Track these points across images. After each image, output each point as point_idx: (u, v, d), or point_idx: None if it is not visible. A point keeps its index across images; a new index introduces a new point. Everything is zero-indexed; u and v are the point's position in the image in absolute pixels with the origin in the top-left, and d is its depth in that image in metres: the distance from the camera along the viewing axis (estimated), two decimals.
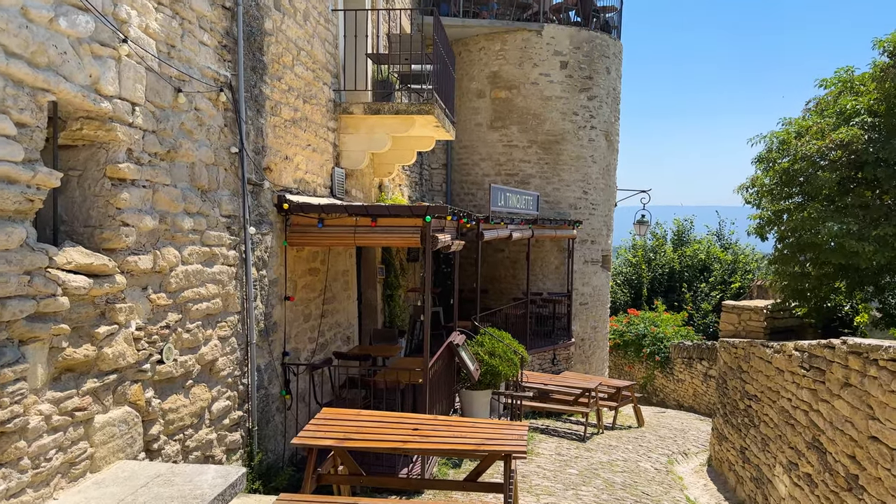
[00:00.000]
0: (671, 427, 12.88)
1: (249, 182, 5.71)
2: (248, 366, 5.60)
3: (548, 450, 8.82)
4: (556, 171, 14.85)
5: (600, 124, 15.20)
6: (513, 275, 15.08)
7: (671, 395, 17.50)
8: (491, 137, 14.87)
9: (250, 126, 5.77)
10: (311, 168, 7.21)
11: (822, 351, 5.22)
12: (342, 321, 8.24)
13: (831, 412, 4.96)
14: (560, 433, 10.35)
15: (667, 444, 10.99)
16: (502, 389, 9.46)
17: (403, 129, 8.02)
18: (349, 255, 8.52)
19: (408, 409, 7.12)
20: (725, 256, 24.78)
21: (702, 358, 16.04)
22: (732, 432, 8.28)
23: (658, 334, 18.18)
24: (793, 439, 5.88)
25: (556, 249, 15.10)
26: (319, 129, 7.49)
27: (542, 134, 14.67)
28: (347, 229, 6.12)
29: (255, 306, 5.76)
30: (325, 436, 4.47)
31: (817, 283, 8.36)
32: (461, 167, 15.34)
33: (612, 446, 9.86)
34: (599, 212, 15.58)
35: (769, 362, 6.81)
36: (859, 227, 6.65)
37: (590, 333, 15.61)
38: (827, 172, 6.96)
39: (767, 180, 8.10)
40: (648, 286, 24.61)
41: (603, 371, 16.39)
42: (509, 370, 8.18)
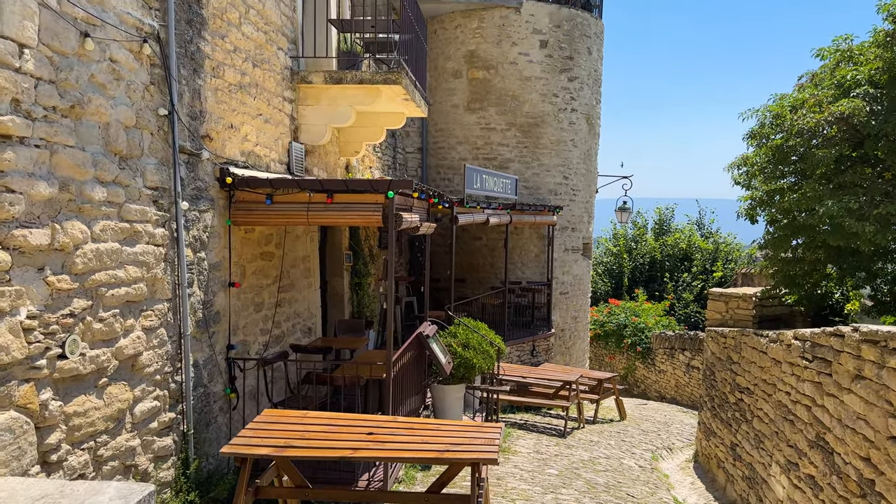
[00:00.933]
0: (654, 420, 12.41)
1: (183, 150, 4.99)
2: (181, 361, 4.90)
3: (526, 447, 8.24)
4: (536, 155, 14.24)
5: (581, 107, 14.61)
6: (491, 263, 14.47)
7: (653, 387, 17.10)
8: (468, 120, 14.21)
9: (185, 87, 5.05)
10: (262, 140, 6.50)
11: (828, 339, 4.67)
12: (302, 311, 7.56)
13: (840, 408, 4.41)
14: (539, 428, 9.79)
15: (650, 438, 10.49)
16: (478, 383, 8.85)
17: (368, 100, 7.32)
18: (310, 238, 7.83)
19: (372, 407, 6.47)
20: (707, 245, 24.48)
21: (684, 348, 15.63)
22: (721, 427, 7.77)
23: (639, 324, 17.76)
24: (792, 437, 5.34)
25: (536, 237, 14.52)
26: (273, 99, 6.77)
27: (522, 116, 14.05)
28: (300, 207, 5.44)
29: (190, 293, 5.06)
30: (262, 442, 3.81)
31: (810, 269, 7.87)
32: (437, 151, 14.66)
33: (593, 442, 9.33)
34: (580, 198, 15.02)
35: (763, 352, 6.28)
36: (860, 207, 6.13)
37: (570, 324, 15.08)
38: (824, 149, 6.43)
39: (759, 158, 7.56)
40: (629, 276, 24.23)
41: (584, 362, 15.90)
42: (484, 363, 7.58)
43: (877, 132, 6.14)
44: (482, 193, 10.66)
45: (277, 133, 6.88)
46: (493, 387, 8.15)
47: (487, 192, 10.83)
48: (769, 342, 6.11)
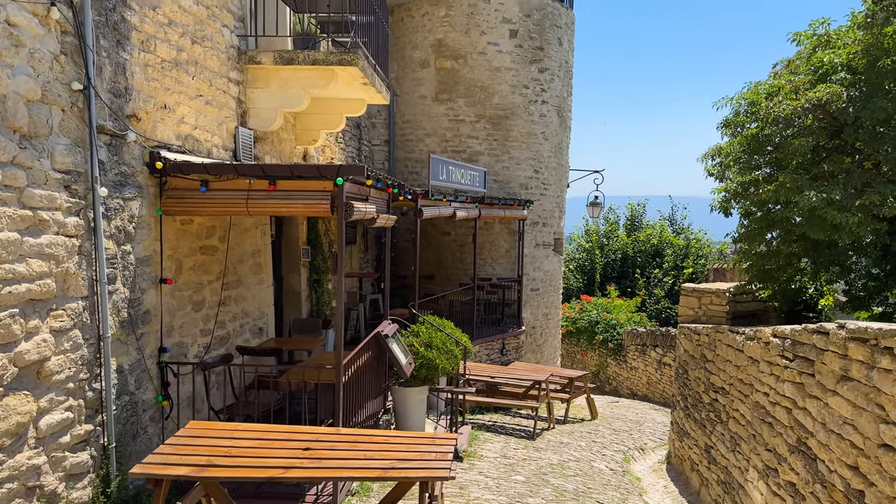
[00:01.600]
0: (626, 419, 12.14)
1: (103, 131, 4.45)
2: (101, 366, 4.37)
3: (493, 451, 7.84)
4: (506, 148, 13.85)
5: (552, 99, 14.26)
6: (460, 259, 14.05)
7: (624, 384, 16.89)
8: (436, 111, 13.75)
9: (105, 60, 4.50)
10: (203, 124, 5.96)
11: (810, 337, 4.33)
12: (251, 310, 7.03)
13: (824, 412, 4.07)
14: (508, 430, 9.40)
15: (622, 438, 10.19)
16: (443, 384, 8.43)
17: (323, 83, 6.82)
18: (262, 232, 7.30)
19: (325, 414, 5.99)
20: (678, 241, 24.41)
21: (656, 345, 15.43)
22: (695, 428, 7.46)
23: (611, 321, 17.53)
24: (771, 440, 5.01)
25: (506, 232, 14.14)
26: (217, 79, 6.23)
27: (491, 108, 13.64)
28: (238, 195, 4.93)
29: (112, 290, 4.52)
30: (181, 460, 3.31)
31: (785, 263, 7.61)
32: (405, 143, 14.18)
33: (563, 444, 8.97)
34: (551, 192, 14.69)
35: (740, 350, 5.96)
36: (841, 198, 5.84)
37: (541, 321, 14.75)
38: (802, 137, 6.12)
39: (734, 148, 7.26)
40: (601, 272, 24.05)
41: (555, 360, 15.59)
42: (448, 363, 7.15)
43: (855, 119, 5.85)
44: (449, 185, 10.21)
45: (221, 117, 6.34)
46: (458, 388, 7.73)
47: (454, 184, 10.39)
48: (746, 340, 5.79)
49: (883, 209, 5.74)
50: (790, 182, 6.15)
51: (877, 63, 6.04)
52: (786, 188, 6.15)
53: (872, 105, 5.70)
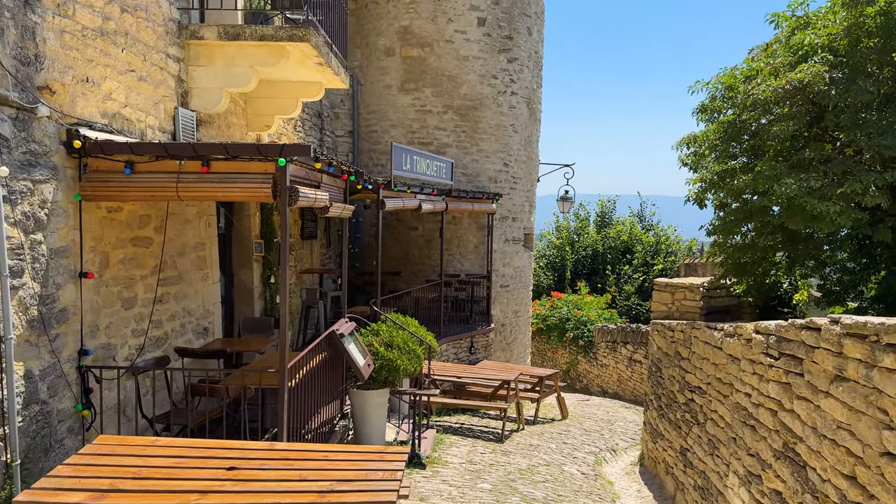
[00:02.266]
0: (597, 418, 11.83)
1: (6, 102, 3.86)
2: (3, 372, 3.79)
3: (458, 456, 7.40)
4: (475, 140, 13.42)
5: (521, 90, 13.88)
6: (427, 255, 13.58)
7: (595, 381, 16.65)
8: (402, 101, 13.25)
9: (9, 21, 3.92)
10: (135, 102, 5.37)
11: (798, 333, 3.98)
12: (194, 308, 6.46)
13: (815, 415, 3.72)
14: (475, 432, 8.98)
15: (593, 438, 9.85)
16: (406, 386, 7.96)
17: (272, 61, 6.28)
18: (206, 223, 6.73)
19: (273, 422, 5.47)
20: (648, 238, 24.34)
21: (626, 342, 15.21)
22: (669, 429, 7.13)
23: (581, 318, 17.27)
24: (754, 445, 4.66)
25: (475, 227, 13.71)
26: (152, 54, 5.64)
27: (459, 98, 13.19)
28: (167, 177, 4.38)
29: (18, 285, 3.94)
30: (79, 484, 2.79)
31: (762, 256, 7.33)
32: (369, 135, 13.64)
33: (533, 446, 8.58)
34: (521, 186, 14.31)
35: (718, 348, 5.61)
36: (822, 186, 5.54)
37: (511, 318, 14.37)
38: (781, 122, 5.81)
39: (710, 135, 6.94)
40: (572, 269, 23.85)
41: (525, 358, 15.24)
42: (410, 364, 6.68)
43: (836, 103, 5.55)
44: (413, 176, 9.72)
45: (158, 95, 5.75)
46: (421, 390, 7.27)
47: (419, 175, 9.90)
48: (725, 336, 5.45)
49: (864, 198, 5.46)
50: (768, 170, 5.83)
51: (858, 44, 5.76)
52: (764, 176, 5.83)
53: (856, 87, 5.40)
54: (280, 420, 4.50)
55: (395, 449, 3.29)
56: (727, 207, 7.52)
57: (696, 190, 7.20)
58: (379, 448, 3.40)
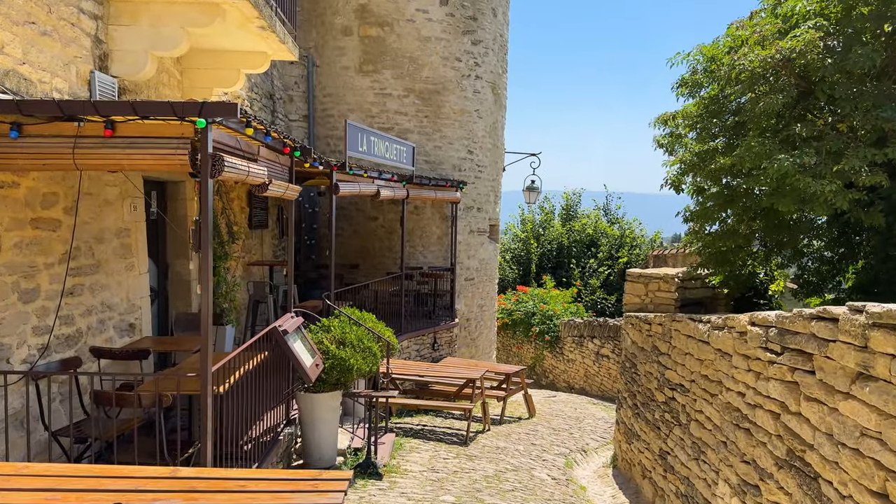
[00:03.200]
0: (565, 415, 11.34)
1: None
2: None
3: (419, 463, 6.76)
4: (438, 126, 12.76)
5: (486, 74, 13.26)
6: (388, 247, 12.87)
7: (561, 377, 16.23)
8: (360, 83, 12.49)
9: None
10: (38, 60, 4.55)
11: (807, 325, 3.45)
12: (116, 302, 5.65)
13: (831, 419, 3.19)
14: (438, 435, 8.35)
15: (562, 438, 9.34)
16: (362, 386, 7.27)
17: (205, 20, 5.50)
18: (131, 205, 5.91)
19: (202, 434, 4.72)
20: (613, 231, 24.10)
21: (593, 336, 14.81)
22: (647, 430, 6.62)
23: (547, 312, 16.82)
24: (750, 450, 4.14)
25: (439, 217, 13.07)
26: (60, 6, 4.82)
27: (421, 81, 12.50)
28: (63, 143, 3.60)
29: None
30: None
31: (744, 243, 6.89)
32: (326, 120, 12.84)
33: (500, 449, 8.00)
34: (486, 175, 13.72)
35: (704, 342, 5.09)
36: (816, 163, 5.07)
37: (476, 312, 13.78)
38: (770, 95, 5.31)
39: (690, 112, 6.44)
40: (537, 262, 23.45)
41: (490, 354, 14.69)
42: (365, 363, 5.99)
43: (830, 75, 5.08)
44: (370, 159, 8.99)
45: (68, 55, 4.93)
46: (378, 391, 6.60)
47: (377, 158, 9.19)
48: (712, 330, 4.92)
49: (859, 177, 5.01)
50: (758, 146, 5.33)
51: (852, 11, 5.31)
52: (753, 153, 5.33)
53: (854, 55, 4.94)
54: (203, 434, 3.77)
55: (332, 475, 2.62)
56: (705, 192, 7.07)
57: (674, 172, 6.70)
58: (312, 474, 2.72)
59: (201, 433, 3.80)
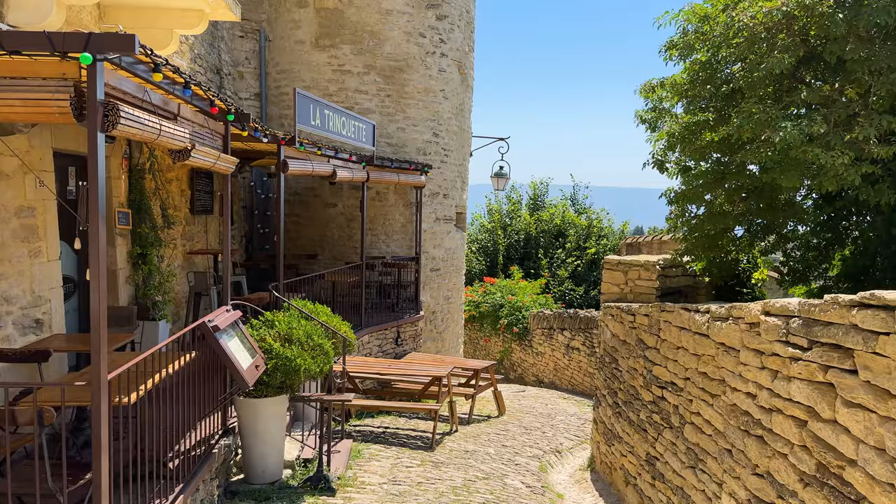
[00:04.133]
0: (536, 412, 10.75)
1: None
2: None
3: (379, 473, 6.02)
4: (401, 106, 11.96)
5: (452, 52, 12.51)
6: (349, 235, 12.05)
7: (530, 370, 15.68)
8: (317, 59, 11.61)
9: None
10: None
11: (847, 314, 2.82)
12: (17, 294, 4.76)
13: (882, 430, 2.57)
14: (401, 439, 7.63)
15: (535, 438, 8.72)
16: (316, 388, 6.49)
17: None
18: (36, 181, 5.00)
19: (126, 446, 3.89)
20: (580, 221, 23.70)
21: (563, 328, 14.28)
22: (630, 431, 6.01)
23: (516, 303, 16.23)
24: (764, 462, 3.53)
25: (402, 204, 12.30)
26: None
27: (382, 58, 11.68)
28: None
29: None
30: None
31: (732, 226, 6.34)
32: (280, 98, 11.92)
33: (469, 453, 7.32)
34: (453, 159, 12.99)
35: (702, 335, 4.48)
36: (826, 132, 4.49)
37: (442, 305, 13.08)
38: (776, 55, 4.71)
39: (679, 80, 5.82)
40: (504, 253, 22.89)
41: (457, 348, 14.01)
42: (315, 363, 5.22)
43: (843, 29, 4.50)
44: (325, 135, 8.14)
45: None
46: (332, 394, 5.82)
47: (333, 134, 8.34)
48: (712, 321, 4.30)
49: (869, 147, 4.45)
50: (760, 112, 4.73)
51: None
52: (754, 121, 4.72)
53: (868, 9, 4.36)
54: (95, 458, 2.96)
55: None
56: (690, 172, 6.49)
57: (660, 147, 6.08)
58: None
59: (93, 456, 2.99)
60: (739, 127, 4.79)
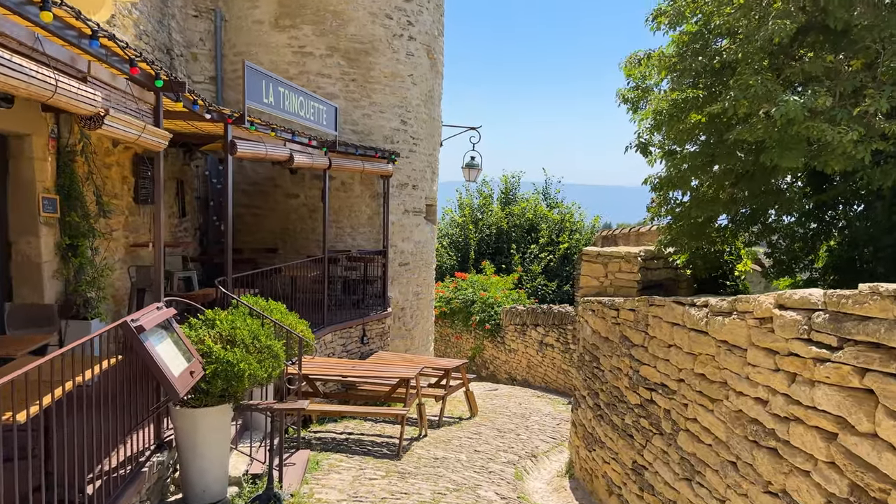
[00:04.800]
0: (509, 413, 10.26)
1: None
2: None
3: (339, 489, 5.43)
4: (367, 91, 11.33)
5: (420, 35, 11.91)
6: (312, 228, 11.37)
7: (502, 368, 15.22)
8: (276, 40, 10.90)
9: None
10: None
11: (889, 307, 2.34)
12: None
13: None
14: (366, 446, 7.04)
15: (509, 441, 8.21)
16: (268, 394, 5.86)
17: None
18: None
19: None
20: (553, 216, 23.35)
21: (537, 324, 13.84)
22: (614, 437, 5.53)
23: (488, 299, 15.74)
24: (779, 479, 3.04)
25: (369, 195, 11.67)
26: None
27: (346, 39, 11.02)
28: None
29: None
30: None
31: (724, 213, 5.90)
32: (236, 82, 11.14)
33: (439, 461, 6.77)
34: (422, 149, 12.40)
35: (700, 332, 3.99)
36: (832, 106, 4.04)
37: (412, 301, 12.50)
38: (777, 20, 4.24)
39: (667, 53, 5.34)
40: (476, 248, 22.41)
41: (428, 347, 13.45)
42: (264, 367, 4.60)
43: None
44: (280, 115, 7.45)
45: None
46: (283, 403, 5.19)
47: (289, 115, 7.66)
48: (712, 316, 3.81)
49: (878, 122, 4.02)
50: (758, 85, 4.25)
51: None
52: (751, 94, 4.24)
53: None
54: None
55: None
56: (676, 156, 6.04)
57: (645, 127, 5.60)
58: None
59: None
60: (735, 101, 4.31)
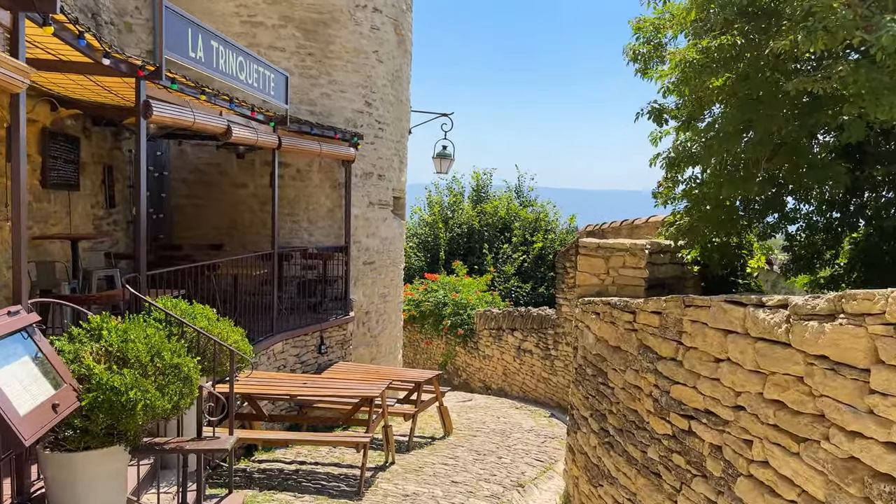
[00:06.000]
0: (488, 429, 9.10)
1: None
2: None
3: None
4: (326, 67, 10.07)
5: (387, 8, 10.71)
6: (263, 222, 10.03)
7: (476, 375, 14.10)
8: (222, 8, 9.56)
9: None
10: None
11: None
12: None
13: None
14: (320, 480, 5.78)
15: (490, 467, 7.04)
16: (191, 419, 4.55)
17: None
18: None
19: None
20: (526, 214, 22.36)
21: (514, 328, 12.75)
22: (631, 474, 4.38)
23: (460, 301, 14.60)
24: None
25: (329, 185, 10.40)
26: None
27: (302, 8, 9.75)
28: None
29: None
30: None
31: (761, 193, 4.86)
32: None
33: (409, 498, 5.55)
34: (389, 135, 11.18)
35: (775, 342, 2.86)
36: None
37: (377, 304, 11.24)
38: None
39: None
40: (446, 248, 21.27)
41: (396, 354, 12.20)
42: (165, 396, 3.32)
43: None
44: (210, 74, 6.03)
45: None
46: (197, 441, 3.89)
47: (223, 75, 6.27)
48: (799, 320, 2.68)
49: None
50: (843, 9, 3.16)
51: None
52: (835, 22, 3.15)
53: None
54: None
55: None
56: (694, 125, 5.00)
57: (671, 83, 4.50)
58: None
59: None
60: (812, 33, 3.21)
